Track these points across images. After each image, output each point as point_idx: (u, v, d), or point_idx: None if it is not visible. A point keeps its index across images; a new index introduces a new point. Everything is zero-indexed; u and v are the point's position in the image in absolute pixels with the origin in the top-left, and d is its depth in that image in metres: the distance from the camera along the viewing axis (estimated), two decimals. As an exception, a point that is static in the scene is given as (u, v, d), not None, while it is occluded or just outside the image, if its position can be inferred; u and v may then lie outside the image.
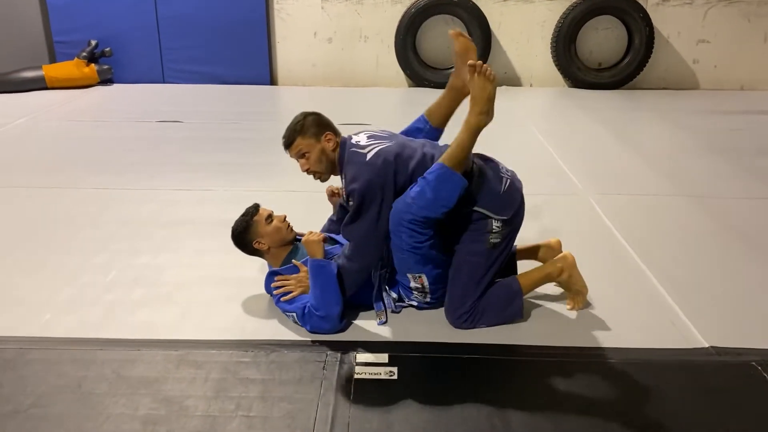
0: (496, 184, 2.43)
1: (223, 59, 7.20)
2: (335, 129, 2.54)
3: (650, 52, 6.99)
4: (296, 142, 2.48)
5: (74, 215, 3.60)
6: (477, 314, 2.43)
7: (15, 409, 2.02)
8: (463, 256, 2.43)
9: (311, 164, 2.49)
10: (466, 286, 2.43)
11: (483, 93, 2.33)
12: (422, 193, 2.29)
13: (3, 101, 6.36)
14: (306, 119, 2.50)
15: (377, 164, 2.36)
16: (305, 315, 2.40)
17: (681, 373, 2.24)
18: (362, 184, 2.34)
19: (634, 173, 4.37)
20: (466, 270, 2.43)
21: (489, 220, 2.39)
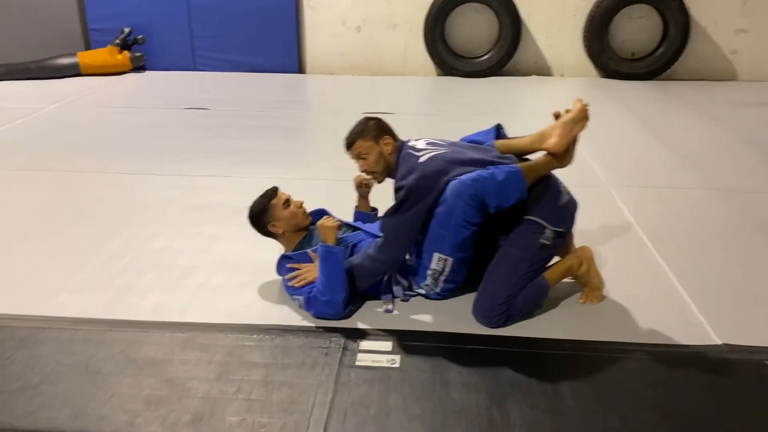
0: (555, 197, 2.46)
1: (253, 47, 7.25)
2: (394, 134, 2.63)
3: (686, 41, 6.79)
4: (357, 143, 2.58)
5: (98, 199, 3.67)
6: (510, 311, 2.41)
7: (24, 386, 2.08)
8: (510, 248, 2.44)
9: (369, 165, 2.59)
10: (505, 278, 2.41)
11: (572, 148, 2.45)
12: (494, 176, 2.32)
13: (38, 87, 6.51)
14: (368, 123, 2.61)
15: (429, 167, 2.42)
16: (310, 299, 2.42)
17: (692, 370, 2.19)
18: (411, 182, 2.39)
19: (660, 166, 4.27)
20: (508, 263, 2.43)
21: (543, 228, 2.41)
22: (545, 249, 2.44)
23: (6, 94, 6.23)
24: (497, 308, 2.39)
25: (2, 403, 2.00)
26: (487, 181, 2.32)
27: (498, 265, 2.44)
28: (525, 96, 6.40)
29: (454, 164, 2.42)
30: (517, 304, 2.41)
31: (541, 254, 2.45)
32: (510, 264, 2.42)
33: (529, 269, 2.43)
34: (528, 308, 2.46)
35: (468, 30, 7.15)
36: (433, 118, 5.57)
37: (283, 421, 1.93)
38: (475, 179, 2.32)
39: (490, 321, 2.40)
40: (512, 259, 2.42)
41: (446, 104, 6.04)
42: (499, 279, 2.42)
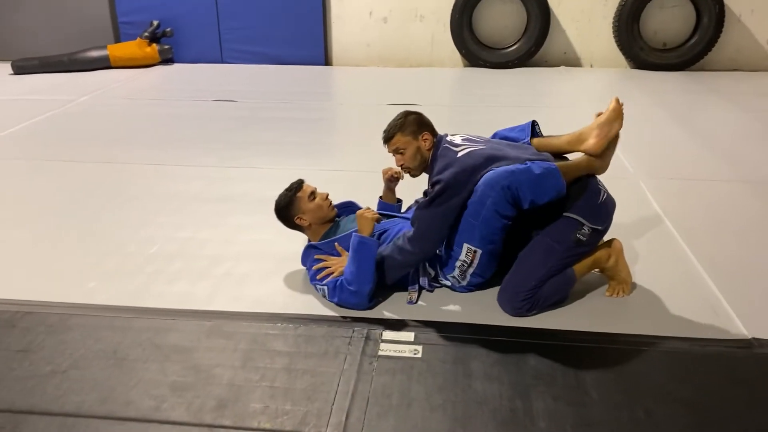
0: (594, 195, 2.43)
1: (280, 39, 7.28)
2: (433, 129, 2.61)
3: (720, 31, 6.64)
4: (395, 138, 2.56)
5: (127, 189, 3.73)
6: (536, 299, 2.39)
7: (54, 370, 2.12)
8: (544, 238, 2.41)
9: (406, 160, 2.57)
10: (536, 267, 2.39)
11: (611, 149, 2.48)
12: (530, 170, 2.29)
13: (70, 80, 6.63)
14: (407, 118, 2.59)
15: (467, 162, 2.40)
16: (336, 287, 2.43)
17: (720, 364, 2.16)
18: (449, 176, 2.37)
19: (690, 157, 4.19)
20: (541, 250, 2.40)
21: (582, 224, 2.39)
22: (580, 245, 2.42)
23: (39, 87, 6.35)
24: (523, 295, 2.37)
25: (33, 387, 2.04)
26: (523, 174, 2.29)
27: (530, 253, 2.42)
28: (553, 87, 6.33)
29: (491, 160, 2.39)
30: (543, 293, 2.39)
31: (576, 249, 2.42)
32: (542, 253, 2.40)
33: (560, 261, 2.41)
34: (554, 298, 2.44)
35: (495, 20, 7.09)
36: (460, 110, 5.54)
37: (305, 408, 1.94)
38: (512, 171, 2.29)
39: (515, 307, 2.39)
40: (545, 249, 2.40)
41: (473, 96, 6.00)
42: (530, 267, 2.40)
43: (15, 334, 2.31)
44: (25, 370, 2.12)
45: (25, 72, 6.89)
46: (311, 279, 2.57)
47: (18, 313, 2.44)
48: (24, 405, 1.97)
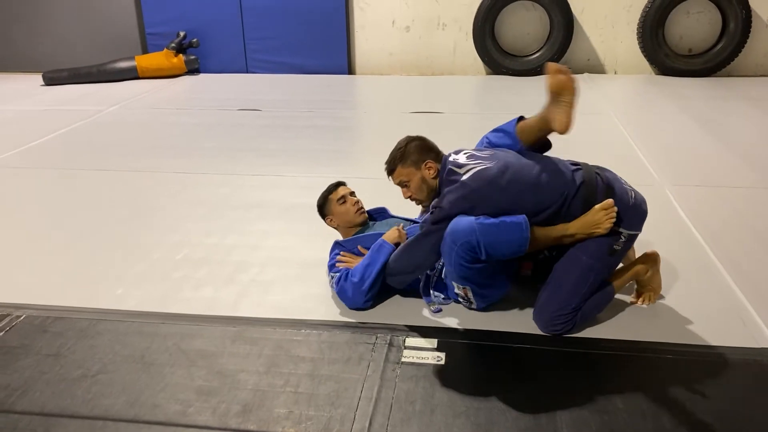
0: (623, 197, 2.34)
1: (303, 49, 7.35)
2: (438, 154, 2.48)
3: (746, 36, 6.56)
4: (397, 171, 2.47)
5: (155, 196, 3.80)
6: (577, 318, 2.31)
7: (84, 374, 2.17)
8: (580, 255, 2.31)
9: (413, 192, 2.48)
10: (575, 287, 2.30)
11: (590, 223, 2.29)
12: (494, 226, 2.21)
13: (99, 90, 6.76)
14: (408, 146, 2.47)
15: (470, 187, 2.28)
16: (341, 277, 2.49)
17: (747, 373, 2.13)
18: (448, 204, 2.28)
19: (717, 164, 4.14)
20: (579, 270, 2.31)
21: (619, 235, 2.30)
22: (615, 255, 2.35)
23: (70, 97, 6.49)
24: (563, 318, 2.29)
25: (63, 391, 2.09)
26: (484, 234, 2.19)
27: (567, 273, 2.32)
28: (577, 94, 6.29)
29: (498, 179, 2.27)
30: (583, 312, 2.32)
31: (611, 260, 2.37)
32: (581, 273, 2.30)
33: (598, 275, 2.34)
34: (592, 314, 2.38)
35: (518, 28, 7.09)
36: (482, 117, 5.54)
37: (329, 414, 1.96)
38: (472, 230, 2.19)
39: (555, 329, 2.31)
40: (583, 269, 2.30)
41: (496, 103, 6.00)
42: (569, 288, 2.29)
43: (46, 339, 2.37)
44: (55, 374, 2.17)
45: (56, 83, 7.05)
46: (329, 268, 2.63)
47: (49, 318, 2.49)
48: (55, 408, 2.01)
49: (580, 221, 2.28)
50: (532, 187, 2.29)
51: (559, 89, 2.28)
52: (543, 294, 2.36)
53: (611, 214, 2.25)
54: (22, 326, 2.45)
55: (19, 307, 2.58)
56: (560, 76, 2.28)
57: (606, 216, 2.25)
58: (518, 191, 2.28)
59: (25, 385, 2.12)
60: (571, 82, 2.28)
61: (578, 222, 2.29)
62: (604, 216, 2.25)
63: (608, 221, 2.25)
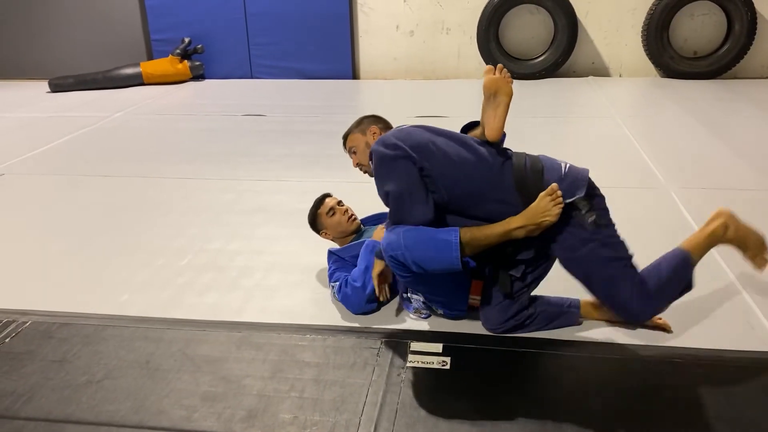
0: (555, 171, 2.20)
1: (308, 54, 7.37)
2: (386, 124, 2.53)
3: (752, 38, 6.54)
4: (348, 138, 2.56)
5: (158, 202, 3.81)
6: (656, 295, 2.20)
7: (89, 380, 2.17)
8: (568, 255, 2.19)
9: (359, 158, 2.51)
10: (611, 283, 2.18)
11: (536, 212, 2.11)
12: (418, 245, 2.11)
13: (104, 96, 6.79)
14: (361, 118, 2.57)
15: (391, 133, 2.30)
16: (342, 284, 2.49)
17: (755, 376, 2.11)
18: (376, 148, 2.23)
19: (723, 167, 4.12)
20: (594, 265, 2.17)
21: (570, 206, 2.14)
22: (600, 222, 2.17)
23: (75, 104, 6.52)
24: (637, 308, 2.20)
25: (69, 397, 2.09)
26: (410, 248, 2.10)
27: (590, 281, 2.20)
28: (582, 98, 6.28)
29: (421, 129, 2.28)
30: (662, 283, 2.20)
31: (604, 231, 2.18)
32: (596, 267, 2.16)
33: (614, 250, 2.18)
34: (672, 283, 2.24)
35: (523, 32, 7.08)
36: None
37: (334, 419, 1.95)
38: (399, 245, 2.11)
39: (645, 316, 2.27)
40: (591, 261, 2.15)
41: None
42: (609, 287, 2.18)
43: (51, 345, 2.37)
44: (61, 380, 2.17)
45: (62, 90, 7.08)
46: (329, 278, 2.63)
47: (54, 325, 2.50)
48: (60, 414, 2.01)
49: (527, 212, 2.12)
50: (458, 155, 2.21)
51: (493, 89, 2.21)
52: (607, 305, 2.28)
53: (557, 200, 2.09)
54: (28, 332, 2.45)
55: (25, 314, 2.58)
56: (494, 76, 2.23)
57: (552, 202, 2.09)
58: (447, 132, 2.27)
59: (30, 391, 2.12)
60: (506, 83, 2.21)
61: (524, 213, 2.12)
62: (550, 202, 2.09)
63: (556, 207, 2.08)
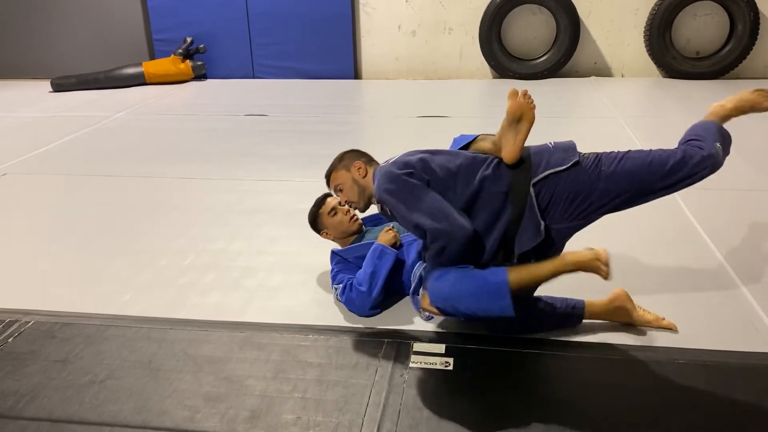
0: (543, 149, 2.26)
1: (310, 54, 7.37)
2: (369, 159, 2.46)
3: (755, 39, 6.53)
4: (332, 177, 2.46)
5: (161, 202, 3.81)
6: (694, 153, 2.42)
7: (92, 380, 2.17)
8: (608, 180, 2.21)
9: (346, 195, 2.42)
10: (647, 161, 2.31)
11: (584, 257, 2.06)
12: (469, 299, 2.06)
13: (106, 96, 6.80)
14: (342, 154, 2.48)
15: (397, 161, 2.27)
16: (346, 287, 2.48)
17: (758, 377, 2.11)
18: (383, 178, 2.21)
19: (726, 167, 4.05)
20: (637, 163, 2.28)
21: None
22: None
23: (77, 104, 6.52)
24: (686, 154, 2.35)
25: (71, 397, 2.09)
26: (466, 295, 2.06)
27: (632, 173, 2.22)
28: (584, 98, 6.28)
29: (420, 152, 2.28)
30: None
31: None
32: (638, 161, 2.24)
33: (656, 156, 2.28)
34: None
35: (525, 31, 7.08)
36: (489, 122, 5.52)
37: (337, 420, 1.95)
38: (440, 297, 2.10)
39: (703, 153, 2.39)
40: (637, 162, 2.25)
41: (502, 107, 5.89)
42: (642, 163, 2.26)
43: (54, 345, 2.37)
44: (63, 380, 2.17)
45: (64, 89, 7.09)
46: (332, 280, 2.61)
47: (57, 325, 2.50)
48: (63, 414, 2.01)
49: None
50: (451, 163, 2.24)
51: (518, 114, 2.20)
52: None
53: (603, 258, 2.02)
54: (30, 332, 2.45)
55: (27, 313, 2.58)
56: (520, 101, 2.20)
57: (596, 256, 2.03)
58: (440, 165, 2.25)
59: (33, 391, 2.12)
60: (530, 109, 2.21)
61: (570, 255, 2.09)
62: (591, 254, 2.04)
63: (602, 265, 2.02)
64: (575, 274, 2.11)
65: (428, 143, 2.74)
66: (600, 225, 2.40)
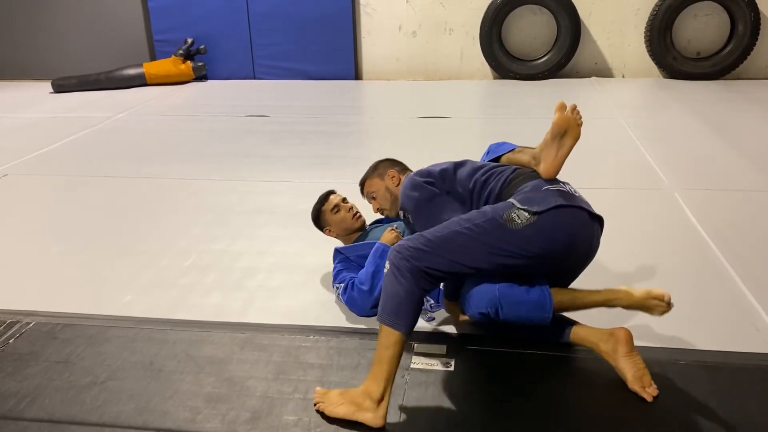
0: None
1: (311, 55, 7.36)
2: (403, 168, 2.58)
3: (755, 39, 6.52)
4: (366, 184, 2.60)
5: (161, 203, 3.81)
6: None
7: (93, 381, 2.17)
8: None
9: (379, 202, 2.56)
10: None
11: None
12: (512, 307, 2.05)
13: (107, 97, 6.80)
14: (377, 163, 2.61)
15: (422, 170, 2.36)
16: (348, 286, 2.47)
17: (759, 378, 2.10)
18: (407, 185, 2.30)
19: (727, 168, 4.11)
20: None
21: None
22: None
23: (78, 105, 6.52)
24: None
25: (73, 398, 2.09)
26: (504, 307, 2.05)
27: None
28: (585, 98, 6.27)
29: (446, 163, 2.34)
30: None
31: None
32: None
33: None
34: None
35: (525, 32, 7.08)
36: (490, 122, 5.53)
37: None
38: (484, 301, 2.06)
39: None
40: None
41: (503, 108, 5.99)
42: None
43: (55, 346, 2.37)
44: (64, 381, 2.17)
45: (65, 90, 7.09)
46: (333, 279, 2.61)
47: (58, 326, 2.49)
48: (64, 415, 2.01)
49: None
50: (453, 171, 2.31)
51: (564, 129, 2.12)
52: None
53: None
54: (31, 333, 2.45)
55: (28, 314, 2.58)
56: (568, 115, 2.11)
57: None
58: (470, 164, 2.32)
59: (34, 392, 2.12)
60: (576, 125, 2.12)
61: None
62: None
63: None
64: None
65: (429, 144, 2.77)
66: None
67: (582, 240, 2.09)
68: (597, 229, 2.15)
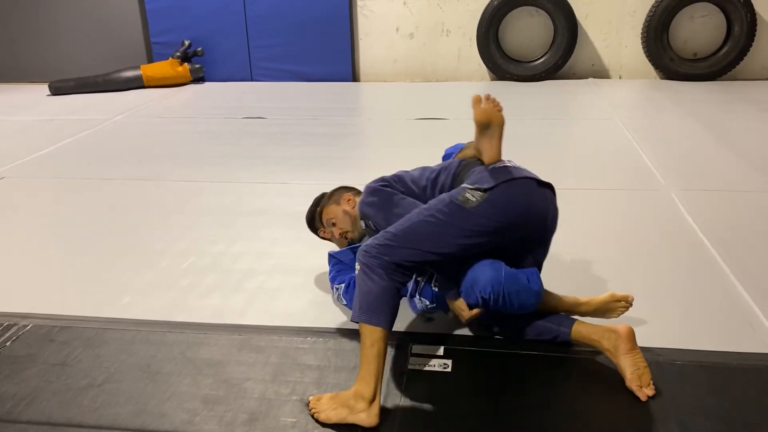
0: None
1: (308, 57, 7.37)
2: (357, 192, 2.60)
3: (752, 40, 6.54)
4: (323, 214, 2.62)
5: (159, 205, 3.81)
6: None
7: (90, 383, 2.17)
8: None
9: (340, 228, 2.57)
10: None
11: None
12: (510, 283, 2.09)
13: (105, 99, 6.79)
14: (324, 194, 2.68)
15: (375, 179, 2.41)
16: (349, 287, 2.46)
17: (756, 378, 2.11)
18: (363, 195, 2.37)
19: (724, 168, 4.12)
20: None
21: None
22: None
23: (76, 107, 6.52)
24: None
25: (70, 400, 2.09)
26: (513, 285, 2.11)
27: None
28: (582, 99, 6.29)
29: (394, 172, 2.43)
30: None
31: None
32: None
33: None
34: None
35: (522, 34, 7.09)
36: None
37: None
38: (491, 282, 2.08)
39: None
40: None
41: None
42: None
43: (53, 348, 2.37)
44: (62, 383, 2.17)
45: (62, 93, 7.08)
46: (331, 281, 2.60)
47: (55, 328, 2.49)
48: (61, 418, 2.01)
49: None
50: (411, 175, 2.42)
51: (486, 121, 2.17)
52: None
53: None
54: (29, 336, 2.45)
55: (26, 317, 2.58)
56: (486, 106, 2.16)
57: (621, 302, 2.26)
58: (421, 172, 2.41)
59: (31, 395, 2.12)
60: (496, 112, 2.16)
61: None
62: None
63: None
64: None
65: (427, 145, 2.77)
66: (598, 226, 2.41)
67: (535, 204, 2.15)
68: (549, 194, 2.23)
